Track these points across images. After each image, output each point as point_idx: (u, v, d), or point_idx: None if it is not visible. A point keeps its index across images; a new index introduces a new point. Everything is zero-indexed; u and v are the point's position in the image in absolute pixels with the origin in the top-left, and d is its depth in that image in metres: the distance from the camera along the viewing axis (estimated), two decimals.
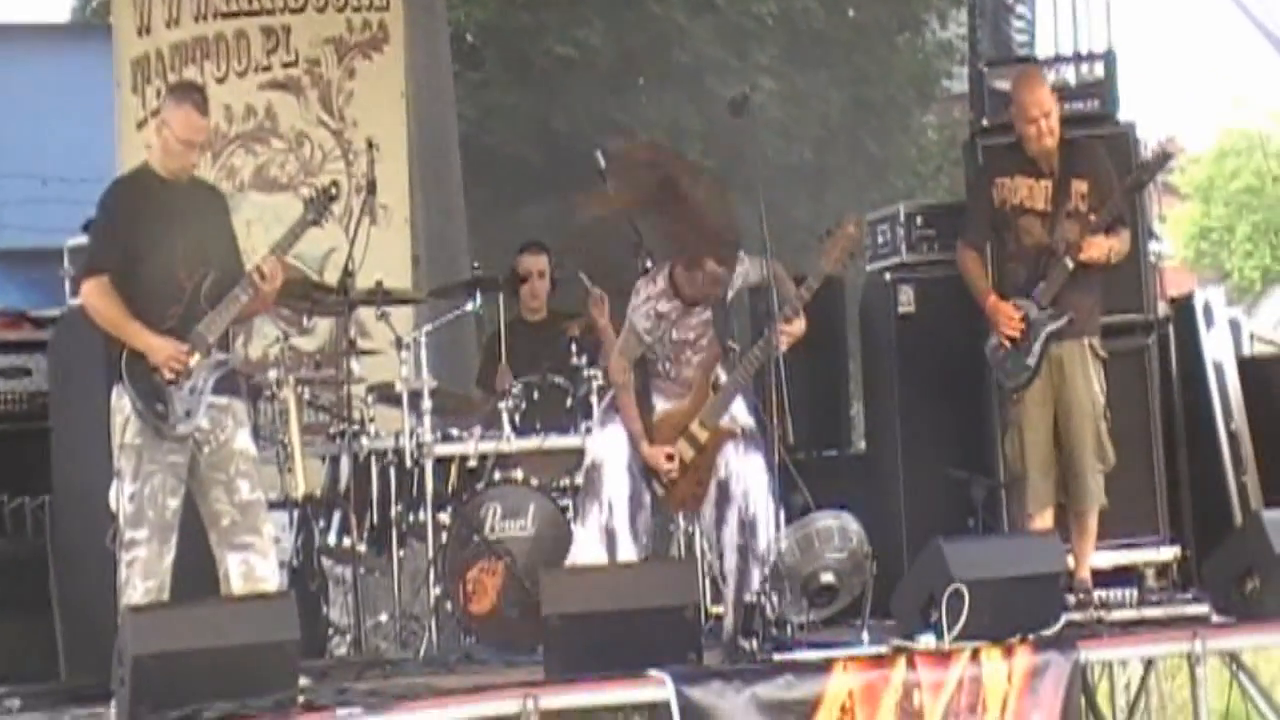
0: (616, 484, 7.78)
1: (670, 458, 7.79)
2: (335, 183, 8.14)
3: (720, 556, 7.79)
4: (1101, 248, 8.49)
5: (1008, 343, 8.58)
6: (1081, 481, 8.56)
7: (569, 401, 8.94)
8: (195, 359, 7.49)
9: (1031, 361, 8.54)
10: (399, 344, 8.72)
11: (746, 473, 7.74)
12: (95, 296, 7.55)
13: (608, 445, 7.86)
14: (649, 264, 8.29)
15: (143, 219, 7.56)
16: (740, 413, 7.86)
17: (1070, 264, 8.49)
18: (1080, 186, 8.58)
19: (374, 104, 10.42)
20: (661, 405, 7.89)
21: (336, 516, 8.67)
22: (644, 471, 7.82)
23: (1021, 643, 7.44)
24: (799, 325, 7.79)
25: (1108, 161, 8.76)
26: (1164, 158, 8.78)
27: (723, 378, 7.88)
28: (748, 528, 7.70)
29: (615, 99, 17.90)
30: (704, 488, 7.84)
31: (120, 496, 7.47)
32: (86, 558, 8.14)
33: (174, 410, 7.46)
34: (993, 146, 9.32)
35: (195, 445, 7.54)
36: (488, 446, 8.75)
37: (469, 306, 9.14)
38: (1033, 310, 8.53)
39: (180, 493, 7.52)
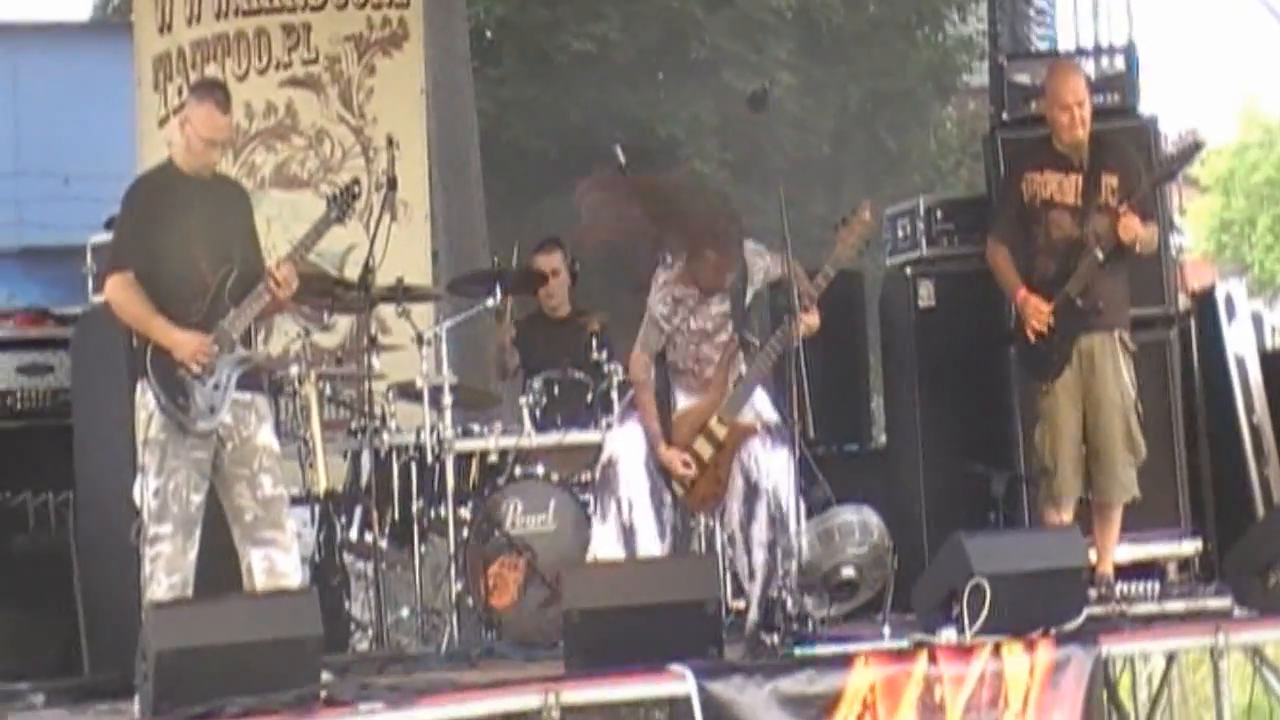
0: (635, 481, 7.77)
1: (687, 464, 7.78)
2: (357, 180, 8.17)
3: (749, 552, 7.75)
4: (1138, 225, 8.40)
5: (1034, 336, 8.56)
6: (1111, 474, 8.54)
7: (589, 397, 8.94)
8: (220, 354, 7.51)
9: (1060, 354, 8.51)
10: (419, 340, 8.72)
11: (774, 468, 7.72)
12: (119, 292, 7.57)
13: (625, 442, 7.86)
14: (668, 256, 8.28)
15: (166, 215, 7.58)
16: (765, 408, 7.85)
17: (1100, 255, 8.45)
18: (1110, 180, 8.55)
19: (394, 101, 10.43)
20: (682, 401, 7.89)
21: (358, 512, 8.68)
22: (661, 471, 7.81)
23: (1043, 637, 7.43)
24: (813, 318, 7.78)
25: (1136, 156, 8.74)
26: (1194, 148, 8.73)
27: (741, 371, 7.87)
28: (778, 523, 7.68)
29: (633, 94, 17.92)
30: (723, 486, 7.82)
31: (144, 492, 7.49)
32: (109, 554, 8.17)
33: (197, 406, 7.48)
34: (1015, 141, 9.31)
35: (219, 441, 7.56)
36: (508, 442, 8.76)
37: (489, 302, 9.14)
38: (1063, 304, 8.49)
39: (204, 488, 7.54)
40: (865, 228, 7.95)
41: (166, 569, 7.43)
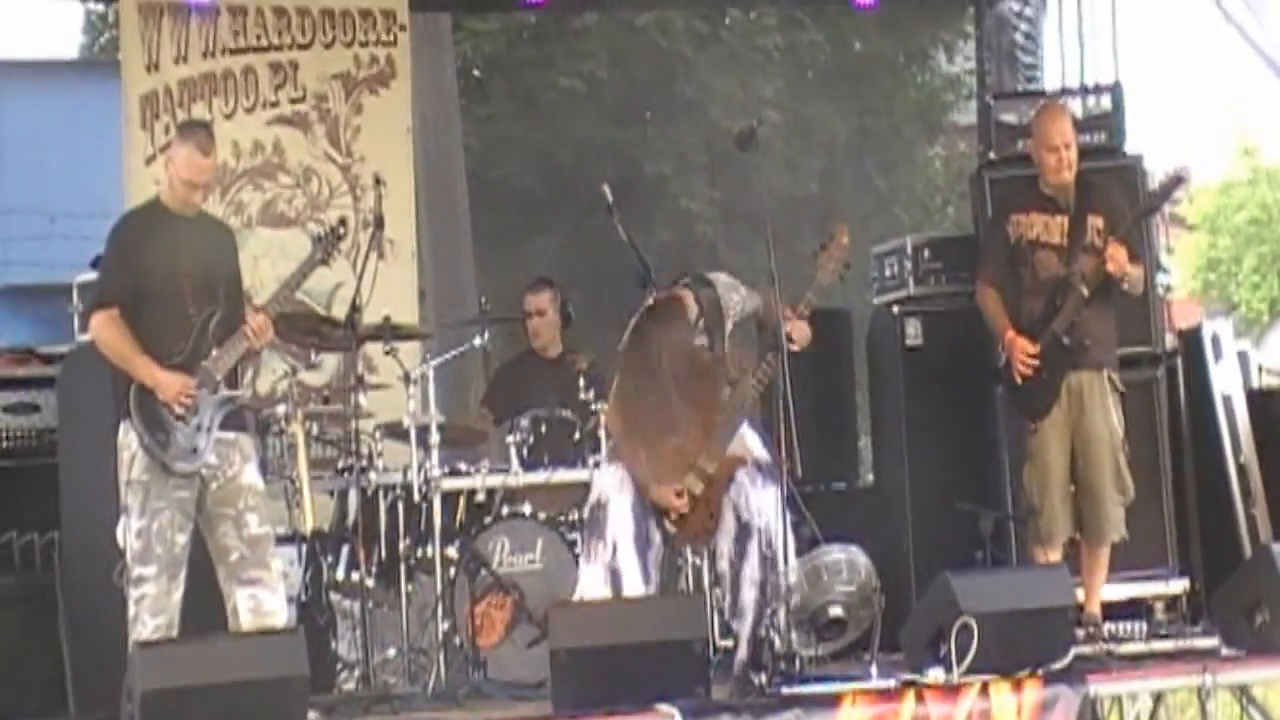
0: (621, 523, 7.74)
1: (679, 494, 7.77)
2: (343, 221, 8.17)
3: (739, 591, 7.73)
4: (1125, 256, 8.40)
5: (1019, 378, 8.56)
6: (1101, 513, 8.53)
7: (577, 435, 8.94)
8: (203, 395, 7.51)
9: (1048, 392, 8.51)
10: (406, 379, 8.72)
11: (766, 507, 7.70)
12: (104, 329, 7.56)
13: (612, 484, 7.83)
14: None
15: (152, 253, 7.58)
16: (755, 445, 7.84)
17: (1086, 290, 8.47)
18: (1096, 222, 8.56)
19: (381, 139, 10.44)
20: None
21: (344, 551, 8.67)
22: (651, 510, 7.78)
23: (1031, 676, 7.42)
24: (804, 328, 7.78)
25: (1123, 198, 8.75)
26: (1176, 182, 8.74)
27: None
28: (769, 562, 7.66)
29: (621, 132, 17.94)
30: (715, 520, 7.80)
31: (128, 533, 7.48)
32: (95, 594, 8.15)
33: (180, 446, 7.47)
34: (1003, 180, 9.33)
35: (203, 481, 7.55)
36: (495, 481, 8.76)
37: (476, 341, 9.13)
38: (1050, 343, 8.49)
39: (188, 529, 7.52)
40: (843, 250, 7.96)
41: (151, 610, 7.41)
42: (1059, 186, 8.61)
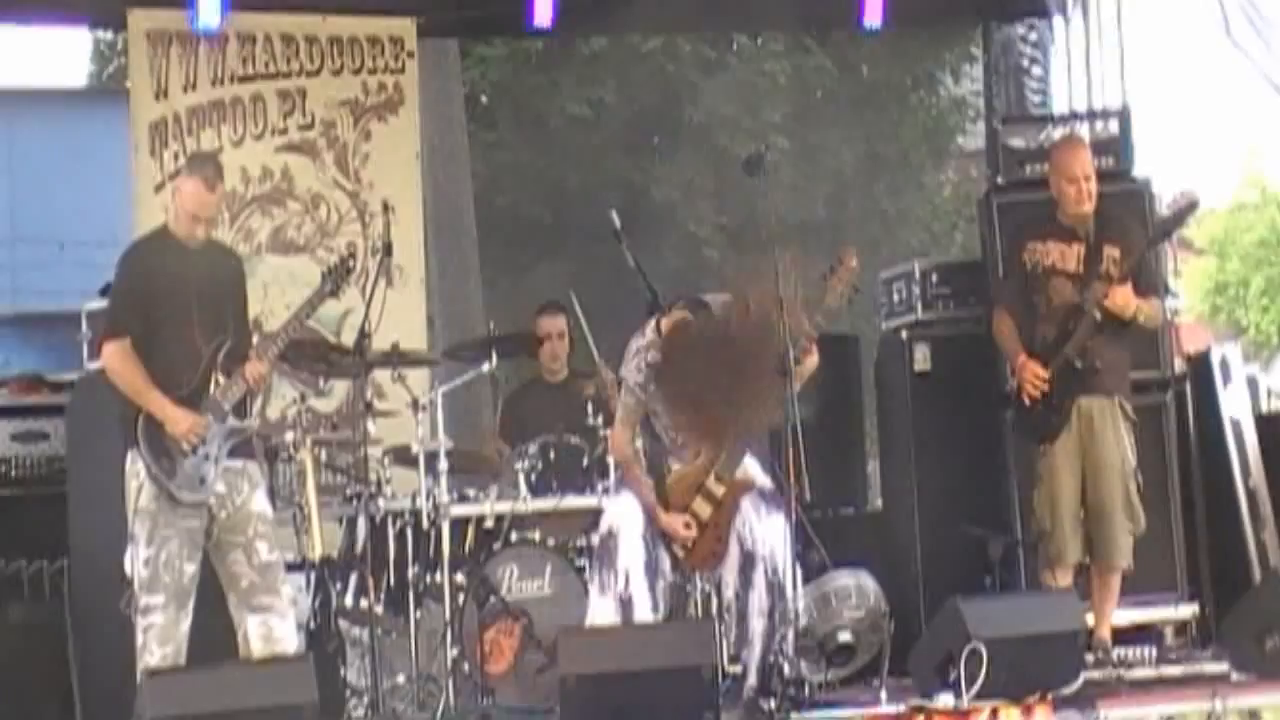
0: (632, 553, 7.74)
1: (688, 525, 7.76)
2: (352, 254, 8.17)
3: (747, 620, 7.71)
4: (1127, 296, 8.43)
5: (1029, 400, 8.56)
6: (1110, 539, 8.51)
7: (585, 461, 8.94)
8: (211, 425, 7.51)
9: (1058, 414, 8.50)
10: (415, 405, 8.72)
11: (770, 536, 7.69)
12: (117, 360, 7.56)
13: (623, 514, 7.82)
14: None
15: (162, 282, 7.58)
16: (757, 474, 7.84)
17: (1098, 315, 8.46)
18: (1112, 251, 8.55)
19: (389, 166, 10.45)
20: (675, 466, 7.87)
21: (353, 578, 8.66)
22: (660, 536, 7.78)
23: (1040, 701, 7.42)
24: (813, 359, 7.78)
25: (1139, 228, 8.77)
26: (1190, 208, 8.71)
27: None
28: (775, 590, 7.66)
29: (629, 158, 17.96)
30: (724, 544, 7.79)
31: (135, 561, 7.48)
32: (104, 622, 8.14)
33: (187, 476, 7.48)
34: (1011, 205, 9.34)
35: (211, 510, 7.55)
36: (504, 507, 8.75)
37: (485, 367, 9.14)
38: (1061, 367, 8.50)
39: (197, 558, 7.53)
40: (851, 273, 7.97)
41: (159, 639, 7.40)
42: (1078, 218, 8.61)
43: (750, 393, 7.60)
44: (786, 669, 7.57)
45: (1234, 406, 10.01)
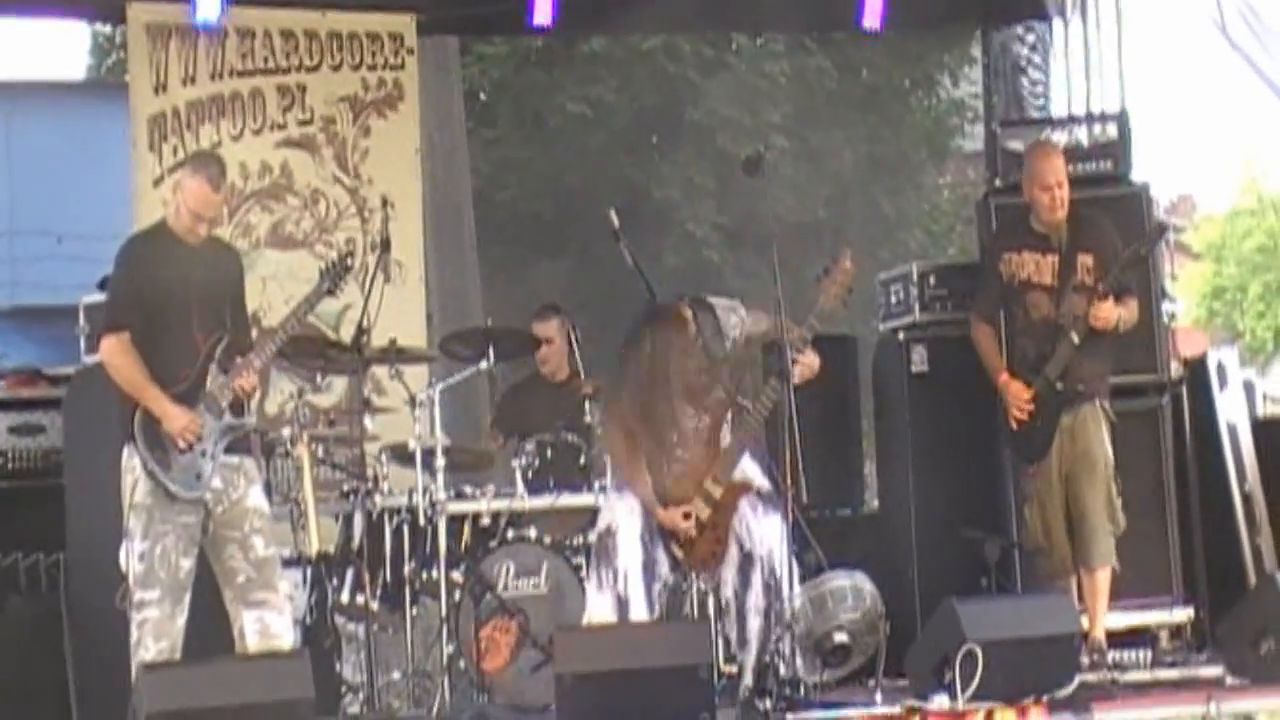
0: (629, 552, 7.74)
1: (687, 516, 7.77)
2: (351, 252, 8.17)
3: (744, 620, 7.73)
4: (1111, 313, 8.48)
5: (1015, 423, 8.60)
6: (1094, 541, 8.55)
7: (582, 460, 8.94)
8: (207, 421, 7.51)
9: (1044, 435, 8.54)
10: (413, 402, 8.72)
11: (768, 536, 7.70)
12: (116, 355, 7.56)
13: (621, 512, 7.83)
14: None
15: (160, 277, 7.58)
16: (755, 475, 7.84)
17: (1076, 338, 8.51)
18: (1086, 260, 8.60)
19: (389, 161, 10.45)
20: (674, 466, 7.87)
21: (350, 574, 8.66)
22: (659, 536, 7.79)
23: (1036, 704, 7.42)
24: (812, 358, 7.78)
25: (1115, 234, 8.75)
26: (1160, 231, 8.82)
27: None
28: (772, 591, 7.67)
29: (628, 157, 17.96)
30: (723, 545, 7.80)
31: (130, 556, 7.48)
32: (100, 615, 8.15)
33: (184, 472, 7.47)
34: (1009, 208, 9.34)
35: (207, 505, 7.56)
36: (501, 504, 8.75)
37: (483, 365, 9.14)
38: (1043, 388, 8.53)
39: (193, 553, 7.53)
40: (847, 276, 7.97)
41: (154, 634, 7.41)
42: (1051, 224, 8.65)
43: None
44: (782, 669, 7.57)
45: (1230, 411, 10.03)
